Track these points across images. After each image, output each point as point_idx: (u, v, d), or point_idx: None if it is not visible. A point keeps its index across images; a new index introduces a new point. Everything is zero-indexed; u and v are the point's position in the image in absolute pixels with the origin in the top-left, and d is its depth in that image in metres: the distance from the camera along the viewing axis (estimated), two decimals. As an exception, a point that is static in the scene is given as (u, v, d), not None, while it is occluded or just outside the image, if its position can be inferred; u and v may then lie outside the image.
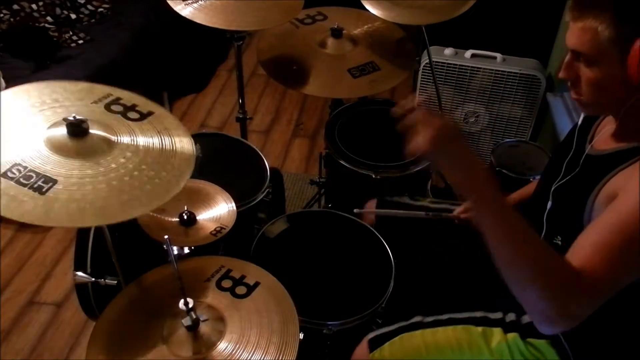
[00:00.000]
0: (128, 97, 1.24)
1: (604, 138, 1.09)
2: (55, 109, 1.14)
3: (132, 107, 1.21)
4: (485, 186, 0.90)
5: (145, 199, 1.04)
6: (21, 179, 0.98)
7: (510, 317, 1.24)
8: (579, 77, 1.00)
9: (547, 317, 0.91)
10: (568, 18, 0.97)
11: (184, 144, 1.17)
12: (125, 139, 1.13)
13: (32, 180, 0.99)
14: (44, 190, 0.98)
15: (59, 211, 0.96)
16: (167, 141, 1.16)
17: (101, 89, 1.23)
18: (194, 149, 1.17)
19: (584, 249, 0.91)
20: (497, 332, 1.22)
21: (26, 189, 0.97)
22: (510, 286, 0.91)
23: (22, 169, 1.00)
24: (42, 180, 0.99)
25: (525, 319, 1.23)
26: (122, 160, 1.08)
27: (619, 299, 1.04)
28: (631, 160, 0.98)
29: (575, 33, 0.96)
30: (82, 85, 1.24)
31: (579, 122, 1.20)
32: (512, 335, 1.21)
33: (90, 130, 1.09)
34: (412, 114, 0.93)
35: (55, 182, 1.00)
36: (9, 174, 0.98)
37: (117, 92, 1.24)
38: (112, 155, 1.09)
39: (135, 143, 1.13)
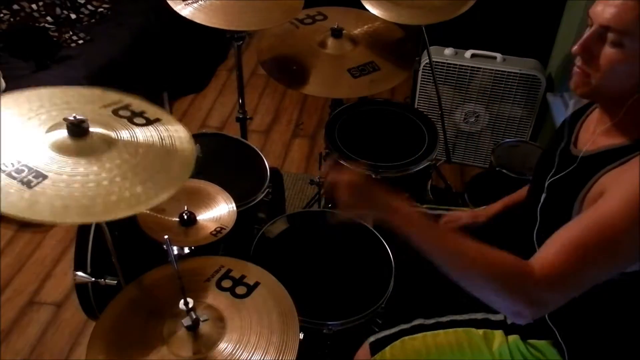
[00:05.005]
0: (138, 104, 1.23)
1: (595, 135, 1.08)
2: (63, 110, 1.13)
3: (140, 114, 1.20)
4: (419, 217, 0.95)
5: (134, 201, 1.02)
6: (12, 172, 0.98)
7: None
8: (594, 56, 0.96)
9: (513, 312, 0.95)
10: None
11: (185, 150, 1.16)
12: (125, 140, 1.12)
13: (23, 174, 0.98)
14: (32, 184, 0.98)
15: (43, 206, 0.95)
16: (167, 144, 1.15)
17: (113, 96, 1.23)
18: (195, 152, 1.16)
19: (557, 243, 0.93)
20: (498, 334, 1.22)
21: (15, 182, 0.97)
22: (470, 291, 0.94)
23: (15, 163, 1.00)
24: (32, 174, 0.99)
25: None
26: (118, 161, 1.07)
27: (616, 299, 1.04)
28: (621, 160, 0.97)
29: (613, 6, 0.92)
30: (95, 91, 1.24)
31: (568, 118, 1.19)
32: (513, 337, 1.21)
33: (91, 130, 1.09)
34: (325, 183, 1.00)
35: (45, 177, 0.99)
36: (1, 167, 0.98)
37: (127, 99, 1.23)
38: (109, 156, 1.08)
39: (135, 144, 1.12)
